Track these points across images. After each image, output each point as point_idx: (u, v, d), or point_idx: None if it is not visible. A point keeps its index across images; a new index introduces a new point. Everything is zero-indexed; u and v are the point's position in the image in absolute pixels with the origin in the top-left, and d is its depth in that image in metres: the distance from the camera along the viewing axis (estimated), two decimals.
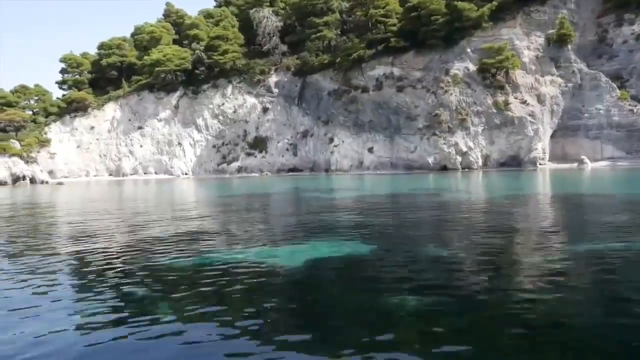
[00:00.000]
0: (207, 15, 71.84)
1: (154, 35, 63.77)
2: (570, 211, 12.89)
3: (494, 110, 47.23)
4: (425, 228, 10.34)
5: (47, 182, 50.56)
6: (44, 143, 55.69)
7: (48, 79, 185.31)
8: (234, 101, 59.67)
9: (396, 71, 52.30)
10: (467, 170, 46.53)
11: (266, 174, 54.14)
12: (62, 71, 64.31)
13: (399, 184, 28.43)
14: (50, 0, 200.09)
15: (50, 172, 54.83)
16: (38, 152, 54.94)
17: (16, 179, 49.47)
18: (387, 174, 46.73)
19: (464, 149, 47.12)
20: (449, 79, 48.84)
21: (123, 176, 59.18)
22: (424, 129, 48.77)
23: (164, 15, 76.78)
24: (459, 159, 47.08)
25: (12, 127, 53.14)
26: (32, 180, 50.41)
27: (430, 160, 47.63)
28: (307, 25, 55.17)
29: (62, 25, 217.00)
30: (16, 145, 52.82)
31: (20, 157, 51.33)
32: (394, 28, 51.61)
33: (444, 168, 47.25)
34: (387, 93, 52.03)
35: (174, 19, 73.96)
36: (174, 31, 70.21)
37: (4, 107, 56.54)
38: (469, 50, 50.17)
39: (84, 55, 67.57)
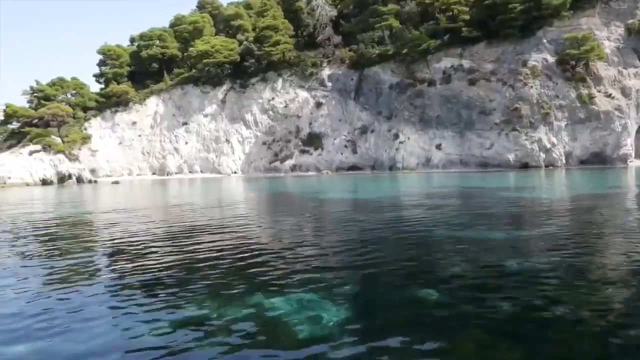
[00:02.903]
0: (246, 6, 68.56)
1: (197, 26, 60.26)
2: None
3: (578, 104, 44.34)
4: None
5: (95, 182, 46.93)
6: (85, 139, 52.05)
7: (58, 74, 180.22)
8: (285, 95, 56.33)
9: (465, 63, 49.28)
10: (551, 168, 43.66)
11: (327, 173, 50.86)
12: (100, 63, 60.56)
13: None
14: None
15: (93, 171, 51.18)
16: (79, 149, 51.29)
17: (62, 178, 45.80)
18: (459, 172, 43.68)
19: (548, 146, 44.19)
20: (528, 71, 45.88)
21: (167, 175, 55.69)
22: (502, 124, 45.76)
23: (197, 6, 73.36)
24: (542, 155, 44.13)
25: (55, 121, 49.38)
26: (79, 179, 46.75)
27: (511, 157, 44.63)
28: (370, 14, 51.81)
29: (69, 24, 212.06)
30: (57, 141, 49.13)
31: (64, 154, 47.64)
32: (466, 17, 48.36)
33: (525, 166, 44.32)
34: (456, 86, 48.98)
35: (209, 10, 70.57)
36: (212, 22, 66.80)
37: (42, 101, 52.79)
38: (545, 40, 47.31)
39: (119, 47, 63.84)
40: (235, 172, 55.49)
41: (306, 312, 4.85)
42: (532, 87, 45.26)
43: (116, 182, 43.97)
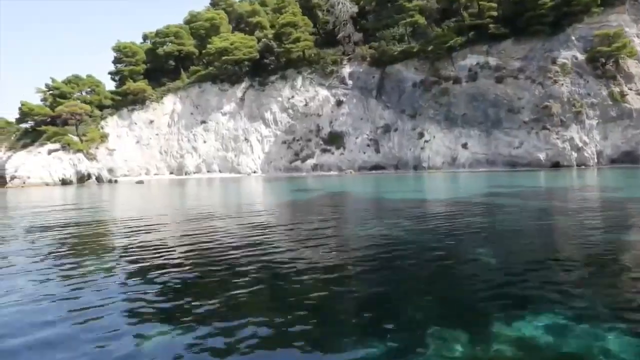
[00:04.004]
0: (261, 3, 67.58)
1: (214, 23, 59.13)
2: None
3: (610, 102, 43.48)
4: None
5: (115, 181, 45.83)
6: (103, 138, 50.92)
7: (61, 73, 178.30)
8: (305, 94, 55.30)
9: (492, 60, 48.39)
10: (583, 167, 42.82)
11: (350, 172, 49.88)
12: (115, 61, 59.36)
13: None
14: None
15: (110, 170, 50.07)
16: (97, 148, 50.16)
17: (81, 178, 44.70)
18: (487, 171, 42.98)
19: (579, 144, 43.31)
20: (558, 69, 45.00)
21: (185, 174, 54.61)
22: (531, 122, 44.86)
23: (211, 3, 72.32)
24: (574, 155, 43.25)
25: (73, 120, 48.17)
26: (98, 179, 45.64)
27: (542, 156, 43.74)
28: (395, 10, 50.76)
29: (69, 24, 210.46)
30: (76, 140, 47.98)
31: (83, 153, 46.51)
32: (493, 14, 47.47)
33: (556, 165, 43.46)
34: (483, 84, 48.08)
35: (223, 7, 69.52)
36: (227, 19, 65.75)
37: (58, 99, 51.58)
38: (573, 38, 46.45)
39: (133, 44, 62.65)
40: (254, 172, 54.46)
41: (575, 341, 3.94)
42: (562, 84, 44.38)
43: (140, 182, 42.80)
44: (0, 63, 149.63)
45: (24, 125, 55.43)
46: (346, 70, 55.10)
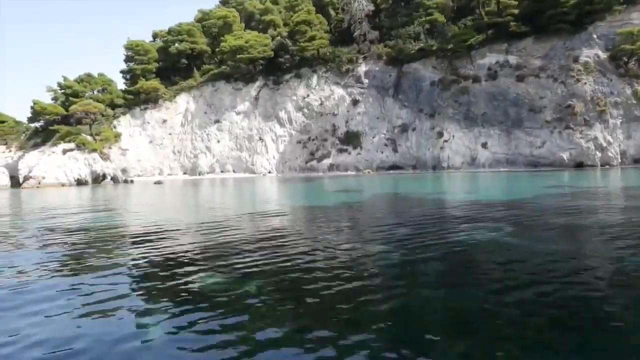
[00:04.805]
0: (273, 1, 66.85)
1: (227, 21, 58.32)
2: None
3: (634, 101, 43.02)
4: None
5: (131, 181, 45.00)
6: (116, 138, 50.06)
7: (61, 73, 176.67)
8: (320, 92, 54.59)
9: (512, 59, 47.82)
10: (606, 167, 42.29)
11: (368, 172, 49.22)
12: (127, 59, 58.46)
13: None
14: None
15: (124, 170, 49.24)
16: (110, 148, 49.31)
17: (96, 178, 43.86)
18: (508, 171, 42.47)
19: (604, 144, 42.77)
20: (580, 67, 44.45)
21: (199, 175, 53.77)
22: (554, 121, 44.30)
23: (221, 1, 71.55)
24: (598, 154, 42.71)
25: (88, 119, 47.28)
26: (114, 179, 44.80)
27: (565, 156, 43.18)
28: (415, 8, 50.05)
29: (69, 24, 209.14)
30: (90, 139, 47.12)
31: (97, 153, 45.66)
32: (514, 11, 46.89)
33: (579, 165, 42.91)
34: (503, 83, 47.51)
35: (234, 5, 68.75)
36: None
37: (71, 98, 50.69)
38: (595, 36, 45.91)
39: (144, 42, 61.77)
40: (269, 172, 53.71)
41: None
42: (585, 83, 43.83)
43: (159, 182, 41.89)
44: (0, 63, 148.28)
45: (33, 125, 54.54)
46: (362, 68, 54.44)
